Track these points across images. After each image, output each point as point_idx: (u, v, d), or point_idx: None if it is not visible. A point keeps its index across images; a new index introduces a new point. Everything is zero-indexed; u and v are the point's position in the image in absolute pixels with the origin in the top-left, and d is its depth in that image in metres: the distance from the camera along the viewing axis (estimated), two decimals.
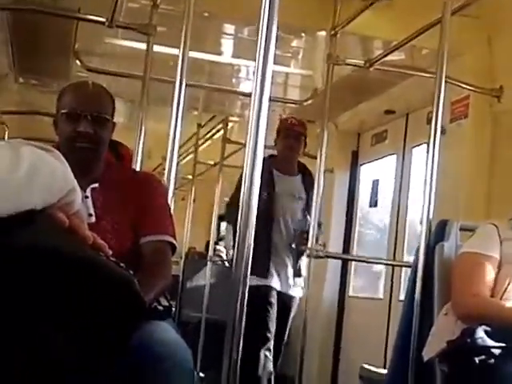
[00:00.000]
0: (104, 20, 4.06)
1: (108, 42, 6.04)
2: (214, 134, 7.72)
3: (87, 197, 2.46)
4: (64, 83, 2.91)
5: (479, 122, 5.14)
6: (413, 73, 5.31)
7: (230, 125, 7.47)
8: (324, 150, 4.51)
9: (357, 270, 7.42)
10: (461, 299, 2.87)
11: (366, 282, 7.62)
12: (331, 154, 5.31)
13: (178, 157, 3.58)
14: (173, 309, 2.37)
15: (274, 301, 4.78)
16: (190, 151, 8.20)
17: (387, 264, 6.48)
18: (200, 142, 7.85)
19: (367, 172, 7.39)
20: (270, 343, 4.75)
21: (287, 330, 4.99)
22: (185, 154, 8.33)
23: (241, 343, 1.86)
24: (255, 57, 1.89)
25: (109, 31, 4.35)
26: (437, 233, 3.29)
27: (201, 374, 6.12)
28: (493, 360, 2.57)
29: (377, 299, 6.80)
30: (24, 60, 6.43)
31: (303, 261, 4.84)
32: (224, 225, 11.18)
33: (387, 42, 5.00)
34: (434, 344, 2.90)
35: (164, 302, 2.32)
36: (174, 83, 3.28)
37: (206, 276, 7.16)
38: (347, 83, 5.78)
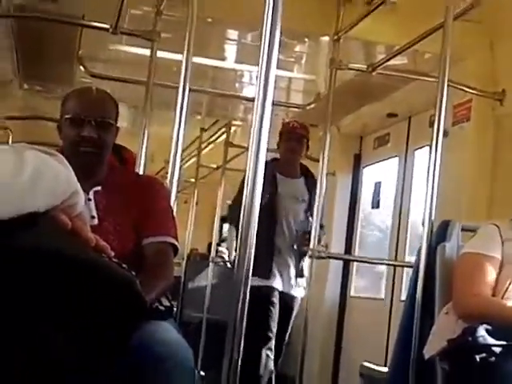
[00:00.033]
0: (108, 26, 4.07)
1: (112, 49, 6.04)
2: (217, 138, 7.73)
3: (90, 199, 2.46)
4: (68, 89, 2.91)
5: (481, 126, 5.13)
6: (415, 77, 5.31)
7: (233, 129, 7.48)
8: (326, 153, 4.52)
9: (358, 271, 7.41)
10: (462, 299, 2.86)
11: (368, 283, 7.61)
12: (333, 157, 5.32)
13: (181, 160, 3.58)
14: (174, 309, 2.38)
15: (276, 301, 4.79)
16: (193, 155, 8.20)
17: (389, 264, 6.48)
18: (203, 146, 7.85)
19: (369, 174, 7.39)
20: (272, 343, 4.76)
21: (289, 330, 5.00)
22: (188, 158, 8.33)
23: (242, 343, 1.87)
24: (258, 62, 1.89)
25: (113, 37, 4.35)
26: (438, 233, 3.27)
27: (201, 373, 6.12)
28: (494, 358, 2.56)
29: (378, 299, 6.79)
30: (28, 66, 6.43)
31: (306, 261, 4.85)
32: (226, 226, 11.22)
33: (390, 47, 5.00)
34: (435, 342, 2.89)
35: (165, 303, 2.33)
36: (178, 88, 3.28)
37: (208, 277, 7.15)
38: (350, 87, 5.77)
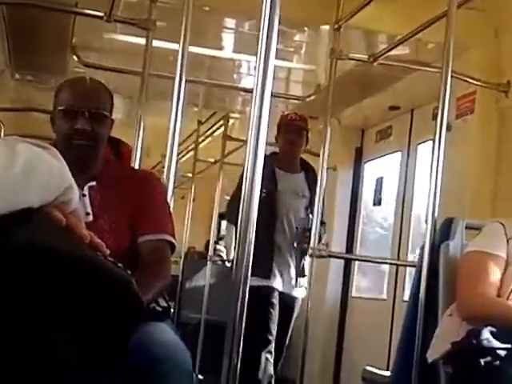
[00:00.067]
0: (102, 14, 4.04)
1: (106, 37, 6.03)
2: (215, 131, 7.68)
3: (84, 195, 2.43)
4: (61, 79, 2.87)
5: (486, 118, 5.11)
6: (418, 67, 5.29)
7: (231, 121, 7.43)
8: (327, 147, 4.46)
9: (360, 270, 7.38)
10: (466, 299, 2.83)
11: (370, 282, 7.58)
12: (334, 151, 5.28)
13: (178, 154, 3.55)
14: (171, 310, 2.36)
15: (276, 302, 4.72)
16: (190, 148, 8.17)
17: (391, 263, 6.44)
18: (200, 139, 7.80)
19: (371, 169, 7.35)
20: (271, 345, 4.70)
21: (289, 332, 4.92)
22: (185, 152, 8.29)
23: (241, 345, 1.85)
24: (256, 52, 1.87)
25: (107, 26, 4.34)
26: (442, 231, 3.25)
27: (200, 377, 6.07)
28: (498, 362, 2.53)
29: (380, 299, 6.76)
30: (20, 56, 6.43)
31: (307, 260, 4.77)
32: (224, 224, 11.19)
33: (391, 36, 5.00)
34: (439, 345, 2.86)
35: (162, 303, 2.30)
36: (174, 79, 3.25)
37: (206, 276, 7.13)
38: (351, 78, 5.74)
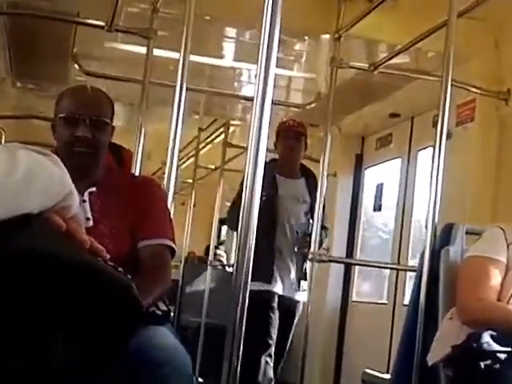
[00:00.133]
0: (103, 24, 4.05)
1: (107, 46, 6.02)
2: (215, 138, 7.67)
3: (85, 201, 2.42)
4: (62, 87, 2.87)
5: (486, 126, 5.11)
6: (418, 76, 5.29)
7: (232, 129, 7.43)
8: (327, 154, 4.47)
9: (360, 275, 7.37)
10: (466, 304, 2.82)
11: (370, 287, 7.56)
12: (335, 158, 5.29)
13: (179, 161, 3.55)
14: (171, 313, 2.35)
15: (277, 306, 4.71)
16: (191, 155, 8.16)
17: (391, 268, 6.42)
18: (201, 146, 7.80)
19: (371, 176, 7.34)
20: (271, 349, 4.69)
21: (290, 337, 4.91)
22: (185, 158, 8.29)
23: (241, 349, 1.84)
24: (257, 60, 1.87)
25: (108, 35, 4.33)
26: (442, 237, 3.24)
27: (200, 380, 6.07)
28: (498, 365, 2.52)
29: (380, 304, 6.74)
30: (22, 64, 6.42)
31: (308, 264, 4.77)
32: (224, 229, 11.18)
33: (392, 45, 4.99)
34: (439, 349, 2.85)
35: (163, 307, 2.29)
36: (175, 87, 3.24)
37: (206, 281, 7.12)
38: (351, 86, 5.74)
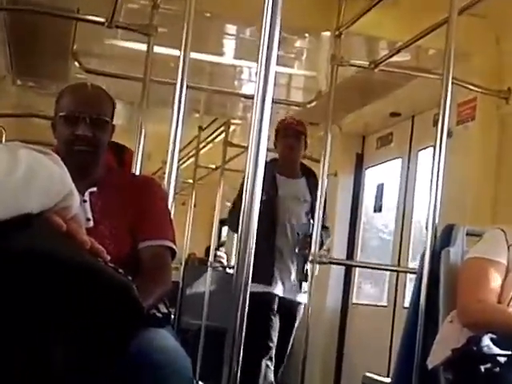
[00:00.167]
0: (103, 20, 4.04)
1: (107, 43, 6.01)
2: (216, 137, 7.65)
3: (85, 201, 2.42)
4: (62, 85, 2.85)
5: (486, 125, 5.10)
6: (419, 74, 5.29)
7: (232, 128, 7.41)
8: (328, 153, 4.45)
9: (361, 276, 7.35)
10: (467, 306, 2.81)
11: (370, 289, 7.55)
12: (335, 157, 5.27)
13: (179, 160, 3.54)
14: (172, 316, 2.34)
15: (277, 308, 4.68)
16: (191, 155, 8.14)
17: (392, 270, 6.40)
18: (201, 146, 7.77)
19: (372, 176, 7.33)
20: (272, 352, 4.66)
21: (291, 340, 4.86)
22: (185, 158, 8.27)
23: (241, 352, 1.83)
24: (257, 58, 1.86)
25: (108, 32, 4.33)
26: (443, 238, 3.23)
27: (200, 383, 6.05)
28: (498, 368, 2.51)
29: (381, 306, 6.73)
30: (22, 62, 6.42)
31: (308, 265, 4.74)
32: (225, 230, 11.16)
33: (392, 43, 4.98)
34: (439, 352, 2.84)
35: (163, 309, 2.29)
36: (175, 85, 3.23)
37: (207, 282, 7.09)
38: (352, 85, 5.73)
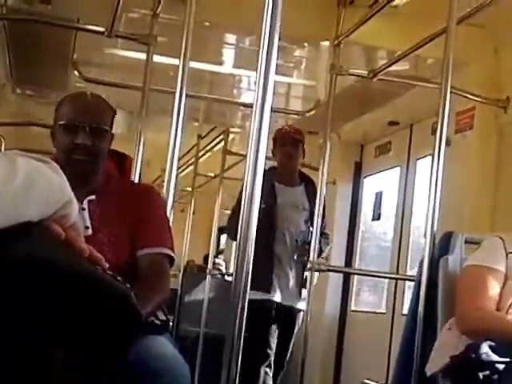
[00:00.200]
0: (103, 30, 4.06)
1: (107, 52, 6.02)
2: (215, 146, 7.66)
3: (84, 209, 2.42)
4: (62, 94, 2.86)
5: (485, 134, 5.10)
6: (417, 83, 5.30)
7: (231, 136, 7.41)
8: (326, 162, 4.46)
9: (359, 284, 7.34)
10: (465, 313, 2.80)
11: (369, 296, 7.54)
12: (334, 166, 5.28)
13: (178, 168, 3.54)
14: (170, 323, 2.35)
15: (276, 315, 4.69)
16: (190, 163, 8.15)
17: (390, 278, 6.40)
18: (200, 154, 7.79)
19: (371, 184, 7.33)
20: (271, 360, 4.67)
21: (290, 348, 4.86)
22: (185, 166, 8.28)
23: (239, 359, 1.83)
24: (257, 67, 1.87)
25: (108, 41, 4.34)
26: (441, 246, 3.23)
27: None
28: (497, 376, 2.50)
29: (379, 313, 6.72)
30: (21, 70, 6.42)
31: (307, 273, 4.74)
32: (224, 237, 11.15)
33: (391, 52, 4.99)
34: (438, 359, 2.83)
35: (161, 317, 2.29)
36: (174, 94, 3.24)
37: (205, 290, 7.08)
38: (350, 94, 5.74)
